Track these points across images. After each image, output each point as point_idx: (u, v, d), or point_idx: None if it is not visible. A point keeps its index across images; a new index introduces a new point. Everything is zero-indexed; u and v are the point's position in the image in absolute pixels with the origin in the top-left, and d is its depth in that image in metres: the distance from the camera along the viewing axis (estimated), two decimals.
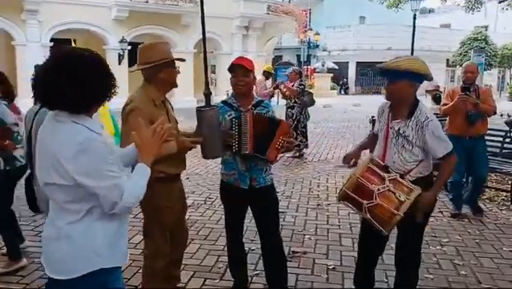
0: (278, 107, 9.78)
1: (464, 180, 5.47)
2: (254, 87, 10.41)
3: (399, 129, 2.72)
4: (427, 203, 2.67)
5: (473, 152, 5.00)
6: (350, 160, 3.02)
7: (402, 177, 2.67)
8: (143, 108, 2.65)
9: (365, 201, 2.57)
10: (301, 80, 8.70)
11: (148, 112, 2.64)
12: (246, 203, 3.12)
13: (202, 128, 2.81)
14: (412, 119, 2.68)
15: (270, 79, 12.15)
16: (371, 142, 3.10)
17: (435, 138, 2.66)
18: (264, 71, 9.84)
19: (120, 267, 1.92)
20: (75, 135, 1.67)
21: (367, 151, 3.13)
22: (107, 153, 1.72)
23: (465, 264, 3.90)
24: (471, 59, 16.96)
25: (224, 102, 3.09)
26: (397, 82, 2.66)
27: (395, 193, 2.56)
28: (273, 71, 10.85)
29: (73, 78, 1.65)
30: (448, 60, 33.26)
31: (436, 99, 9.13)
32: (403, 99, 2.71)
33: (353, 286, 3.20)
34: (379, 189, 2.57)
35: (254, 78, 3.03)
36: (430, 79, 2.76)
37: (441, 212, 5.33)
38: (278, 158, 2.98)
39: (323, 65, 31.16)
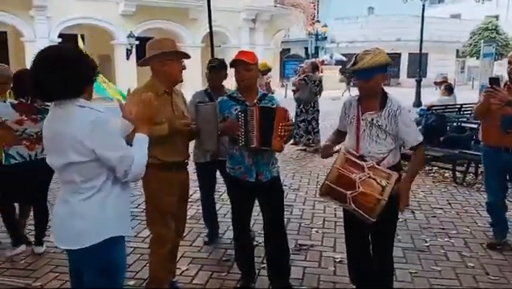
0: (286, 101, 9.77)
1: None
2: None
3: (372, 120, 2.79)
4: (404, 193, 2.73)
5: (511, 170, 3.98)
6: (329, 151, 3.00)
7: (378, 164, 2.74)
8: (138, 92, 2.69)
9: (348, 192, 2.60)
10: (305, 75, 8.52)
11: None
12: (253, 196, 3.14)
13: (198, 122, 2.87)
14: (385, 109, 2.77)
15: (271, 74, 11.58)
16: (338, 139, 3.15)
17: (407, 126, 2.77)
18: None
19: (124, 237, 2.13)
20: (87, 115, 1.91)
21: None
22: (115, 128, 2.00)
23: (473, 256, 3.88)
24: (481, 50, 16.74)
25: (229, 96, 3.10)
26: (373, 77, 2.72)
27: (376, 180, 2.61)
28: (269, 67, 10.02)
29: (60, 71, 1.87)
30: (458, 51, 32.87)
31: (449, 89, 9.03)
32: (376, 91, 2.80)
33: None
34: (360, 178, 2.60)
35: (258, 71, 3.04)
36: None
37: (450, 203, 5.32)
38: (283, 146, 2.97)
39: (331, 57, 30.95)
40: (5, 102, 3.64)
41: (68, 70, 1.88)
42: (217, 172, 4.13)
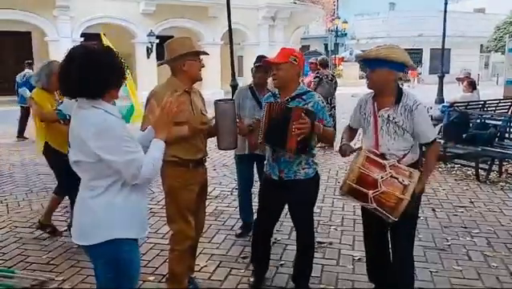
0: None
1: None
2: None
3: (388, 116, 2.74)
4: (419, 191, 2.70)
5: None
6: (348, 151, 2.93)
7: (399, 162, 2.70)
8: (160, 93, 2.73)
9: (370, 191, 2.57)
10: (317, 72, 8.48)
11: (164, 96, 2.69)
12: (278, 194, 3.05)
13: (217, 120, 2.89)
14: (401, 105, 2.72)
15: None
16: (350, 136, 3.11)
17: (423, 121, 2.72)
18: None
19: (136, 240, 2.10)
20: (95, 117, 1.91)
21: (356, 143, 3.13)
22: (124, 131, 1.94)
23: (497, 256, 3.80)
24: (506, 44, 16.32)
25: (272, 93, 3.12)
26: (377, 69, 2.68)
27: (397, 178, 2.58)
28: None
29: (84, 71, 1.88)
30: (481, 46, 32.18)
31: (472, 85, 8.84)
32: (383, 87, 2.74)
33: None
34: (382, 177, 2.57)
35: (298, 66, 2.92)
36: (412, 67, 2.80)
37: (472, 202, 5.21)
38: (298, 145, 2.76)
39: (350, 54, 30.68)
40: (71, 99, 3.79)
41: (88, 72, 1.87)
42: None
